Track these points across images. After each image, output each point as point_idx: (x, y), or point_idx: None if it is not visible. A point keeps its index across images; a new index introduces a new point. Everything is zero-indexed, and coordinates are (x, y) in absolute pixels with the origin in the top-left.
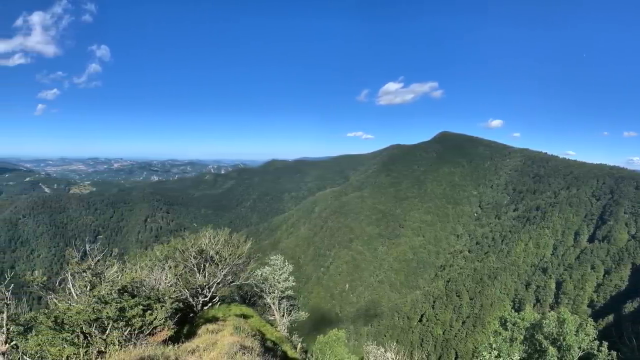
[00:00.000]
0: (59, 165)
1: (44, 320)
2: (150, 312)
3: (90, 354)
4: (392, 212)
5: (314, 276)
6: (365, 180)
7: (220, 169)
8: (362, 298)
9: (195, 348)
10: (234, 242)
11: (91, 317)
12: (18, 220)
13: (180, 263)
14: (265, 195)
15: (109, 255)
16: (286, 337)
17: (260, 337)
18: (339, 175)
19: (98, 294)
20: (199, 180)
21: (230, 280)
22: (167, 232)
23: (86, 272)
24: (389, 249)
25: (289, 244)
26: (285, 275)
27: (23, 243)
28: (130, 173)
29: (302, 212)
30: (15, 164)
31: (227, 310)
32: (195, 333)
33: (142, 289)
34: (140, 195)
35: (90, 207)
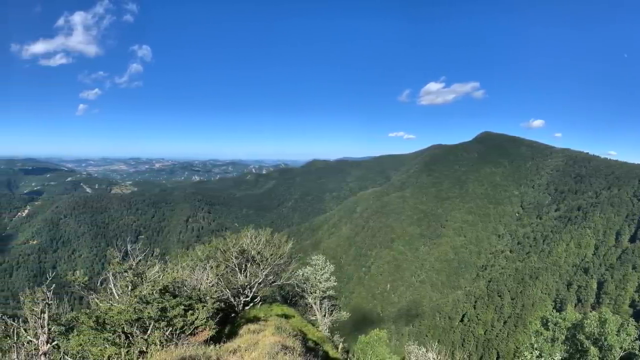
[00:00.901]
0: (101, 165)
1: (86, 320)
2: (192, 312)
3: (132, 354)
4: (434, 212)
5: (356, 276)
6: (406, 180)
7: (262, 169)
8: (403, 298)
9: (237, 348)
10: (276, 242)
11: (133, 317)
12: (59, 220)
13: (222, 263)
14: (307, 195)
15: (151, 255)
16: (328, 337)
17: (301, 337)
18: (380, 175)
19: (139, 294)
20: (241, 180)
21: (271, 280)
22: (209, 232)
23: (127, 272)
24: (431, 249)
25: (331, 244)
26: (327, 275)
27: (64, 243)
28: (172, 173)
29: (344, 212)
30: (57, 164)
31: (268, 310)
32: (237, 333)
33: (183, 289)
34: (182, 195)
35: (132, 207)
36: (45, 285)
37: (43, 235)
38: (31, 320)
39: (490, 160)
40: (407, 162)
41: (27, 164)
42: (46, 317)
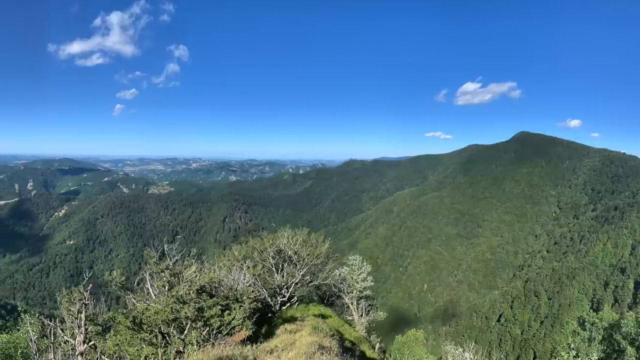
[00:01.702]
0: (137, 165)
1: (123, 320)
2: (229, 312)
3: (169, 354)
4: (471, 212)
5: (393, 276)
6: (443, 180)
7: (299, 169)
8: (440, 298)
9: (274, 348)
10: (312, 242)
11: (169, 317)
12: (96, 220)
13: (259, 263)
14: (344, 195)
15: (187, 255)
16: (365, 337)
17: (338, 337)
18: (417, 175)
19: (176, 294)
20: (278, 180)
21: (308, 280)
22: (245, 232)
23: (164, 272)
24: (468, 249)
25: (368, 244)
26: (364, 275)
27: (101, 243)
28: (209, 173)
29: (381, 212)
30: (94, 164)
31: (305, 310)
32: (274, 333)
33: (220, 289)
34: (219, 195)
35: (169, 207)
36: (82, 285)
37: (80, 235)
38: (68, 320)
39: (527, 160)
40: (444, 162)
41: (64, 164)
42: (83, 317)
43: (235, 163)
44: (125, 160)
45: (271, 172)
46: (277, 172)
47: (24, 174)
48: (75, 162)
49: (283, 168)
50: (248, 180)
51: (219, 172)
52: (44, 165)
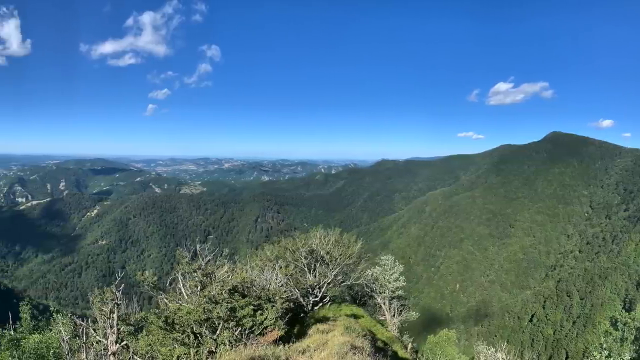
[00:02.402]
0: (170, 165)
1: (155, 320)
2: (261, 312)
3: (201, 354)
4: (503, 212)
5: (425, 276)
6: (475, 180)
7: (331, 169)
8: (472, 298)
9: (306, 348)
10: (345, 242)
11: (202, 317)
12: (129, 220)
13: (291, 263)
14: (376, 195)
15: (220, 255)
16: (397, 337)
17: (370, 337)
18: (449, 175)
19: (208, 294)
20: (310, 180)
21: (340, 280)
22: (278, 232)
23: (197, 272)
24: (500, 249)
25: (400, 244)
26: (396, 275)
27: (134, 243)
28: (241, 173)
29: (413, 212)
30: (126, 164)
31: (337, 310)
32: (306, 333)
33: (252, 289)
34: (251, 195)
35: (201, 207)
36: (114, 285)
37: (112, 235)
38: (100, 320)
39: (559, 160)
40: (476, 162)
41: (96, 164)
42: (115, 317)
43: (267, 163)
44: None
45: (303, 172)
46: (309, 172)
47: (56, 174)
48: (107, 162)
49: (315, 168)
50: (280, 180)
51: (251, 172)
52: (76, 165)
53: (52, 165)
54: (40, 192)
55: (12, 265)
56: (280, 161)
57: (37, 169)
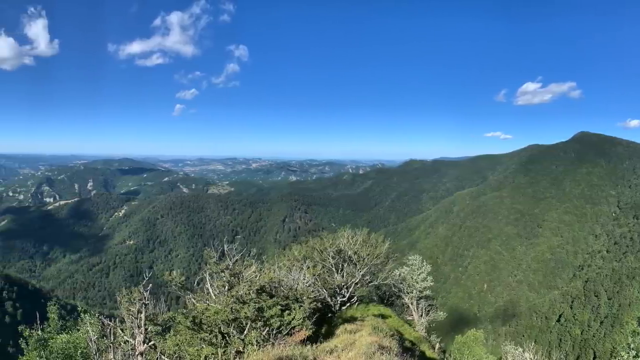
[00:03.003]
0: (197, 165)
1: (182, 320)
2: (289, 312)
3: (229, 354)
4: (530, 212)
5: (452, 276)
6: (503, 180)
7: (359, 169)
8: (500, 298)
9: (334, 348)
10: (372, 242)
11: (229, 317)
12: (156, 220)
13: (319, 263)
14: (404, 195)
15: (247, 255)
16: (424, 337)
17: (398, 337)
18: (477, 175)
19: (236, 294)
20: (337, 180)
21: (368, 280)
22: (305, 232)
23: (224, 272)
24: (527, 249)
25: (427, 244)
26: (424, 275)
27: (161, 243)
28: (268, 173)
29: (440, 212)
30: (154, 164)
31: (365, 310)
32: (334, 333)
33: (280, 289)
34: (279, 195)
35: (229, 207)
36: (142, 285)
37: (140, 235)
38: (128, 320)
39: (587, 160)
40: (503, 162)
41: (124, 164)
42: (143, 317)
43: (295, 163)
44: (185, 160)
45: (331, 172)
46: (337, 172)
47: (84, 174)
48: (135, 162)
49: (343, 168)
50: (308, 180)
51: (278, 172)
52: (104, 165)
53: (79, 165)
54: (68, 192)
55: (40, 265)
56: (308, 161)
57: (65, 169)
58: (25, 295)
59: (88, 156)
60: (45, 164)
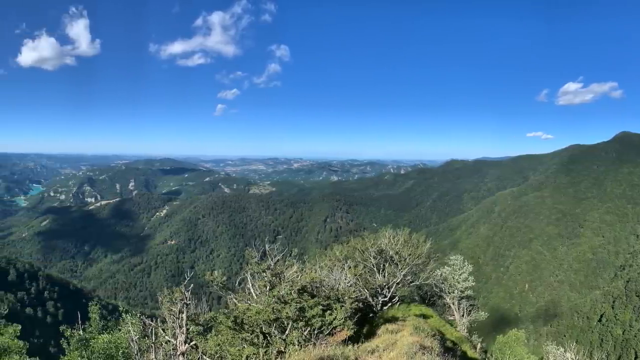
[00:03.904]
0: (239, 165)
1: (224, 320)
2: (330, 312)
3: (270, 354)
4: (572, 212)
5: (494, 276)
6: (544, 180)
7: (400, 169)
8: (541, 298)
9: (375, 348)
10: (414, 242)
11: (271, 317)
12: (198, 220)
13: (360, 263)
14: (445, 195)
15: (289, 255)
16: (466, 337)
17: (439, 337)
18: (518, 175)
19: (277, 294)
20: (379, 180)
21: (409, 280)
22: (347, 232)
23: (266, 272)
24: (569, 249)
25: (469, 244)
26: (465, 275)
27: (202, 243)
28: (310, 173)
29: (482, 212)
30: (195, 164)
31: (406, 310)
32: (375, 333)
33: (321, 289)
34: (320, 195)
35: (270, 207)
36: (183, 285)
37: (181, 235)
38: (169, 320)
39: (628, 160)
40: (545, 162)
41: (165, 164)
42: (184, 317)
43: (336, 163)
44: (227, 160)
45: (372, 172)
46: (379, 172)
47: (125, 174)
48: (176, 162)
49: (384, 168)
50: (349, 180)
51: (320, 172)
52: (145, 165)
53: (121, 165)
54: (109, 192)
55: (82, 266)
56: (350, 161)
57: (107, 169)
58: (67, 295)
59: (129, 156)
60: (87, 164)
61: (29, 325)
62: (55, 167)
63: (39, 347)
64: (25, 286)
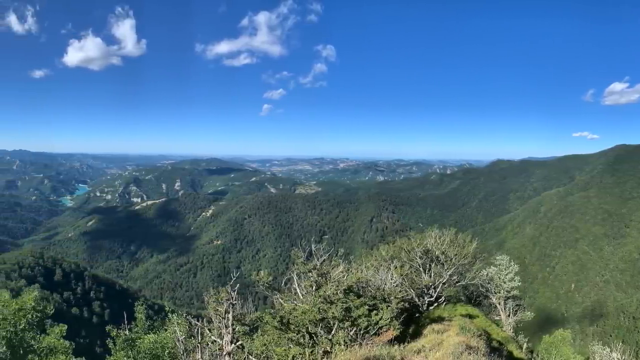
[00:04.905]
0: (285, 165)
1: (270, 320)
2: (376, 312)
3: (316, 354)
4: (618, 212)
5: (540, 276)
6: (590, 180)
7: (446, 169)
8: (587, 298)
9: (421, 348)
10: (460, 242)
11: (317, 317)
12: (244, 220)
13: (406, 263)
14: (491, 195)
15: (335, 255)
16: (512, 337)
17: (486, 337)
18: (564, 175)
19: (324, 294)
20: (425, 180)
21: (455, 280)
22: (393, 232)
23: (312, 272)
24: (615, 249)
25: (515, 244)
26: (511, 275)
27: (249, 243)
28: (356, 173)
29: (528, 212)
30: (241, 164)
31: (452, 310)
32: (421, 333)
33: (367, 289)
34: (366, 195)
35: (316, 207)
36: (229, 285)
37: (227, 235)
38: (215, 320)
39: None
40: (591, 162)
41: (211, 164)
42: (230, 317)
43: (382, 163)
44: (273, 160)
45: (418, 172)
46: (425, 172)
47: (171, 174)
48: (222, 162)
49: (430, 168)
50: (395, 180)
51: (366, 172)
52: (191, 165)
53: (167, 165)
54: (155, 192)
55: (128, 265)
56: (396, 161)
57: (153, 169)
58: (113, 295)
59: (175, 156)
60: (133, 164)
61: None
62: (101, 167)
63: (85, 347)
64: (71, 286)
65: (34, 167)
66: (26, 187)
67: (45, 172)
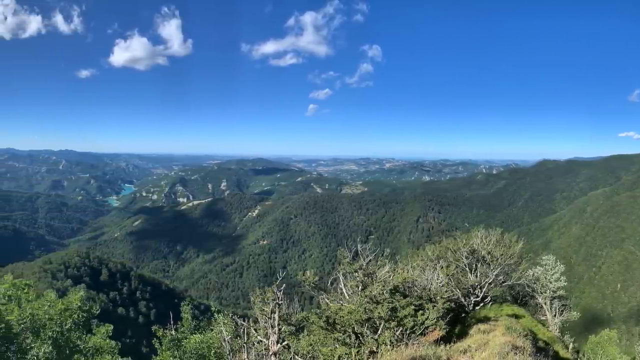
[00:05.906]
0: (331, 165)
1: (316, 320)
2: (422, 312)
3: (362, 354)
4: None
5: (586, 276)
6: (637, 180)
7: (492, 169)
8: (633, 298)
9: (467, 348)
10: (506, 242)
11: (363, 317)
12: (290, 220)
13: (452, 263)
14: (537, 195)
15: (381, 255)
16: (558, 337)
17: (531, 337)
18: (610, 175)
19: (370, 294)
20: (471, 180)
21: (501, 280)
22: (439, 232)
23: (358, 272)
24: None
25: (561, 244)
26: (557, 275)
27: (295, 243)
28: (402, 173)
29: (574, 212)
30: (287, 164)
31: (498, 310)
32: (467, 333)
33: (413, 289)
34: (412, 195)
35: (362, 207)
36: (275, 285)
37: (273, 235)
38: (261, 320)
39: None
40: (637, 162)
41: (257, 164)
42: (276, 317)
43: (428, 163)
44: (319, 160)
45: (464, 172)
46: (470, 172)
47: (217, 174)
48: (268, 162)
49: (476, 168)
50: (441, 180)
51: (412, 172)
52: (237, 165)
53: (213, 166)
54: (201, 192)
55: (174, 265)
56: (442, 161)
57: (199, 169)
58: (159, 295)
59: (221, 156)
60: (178, 164)
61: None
62: (147, 167)
63: (131, 347)
64: (117, 286)
65: (80, 167)
66: (72, 187)
67: (92, 172)
